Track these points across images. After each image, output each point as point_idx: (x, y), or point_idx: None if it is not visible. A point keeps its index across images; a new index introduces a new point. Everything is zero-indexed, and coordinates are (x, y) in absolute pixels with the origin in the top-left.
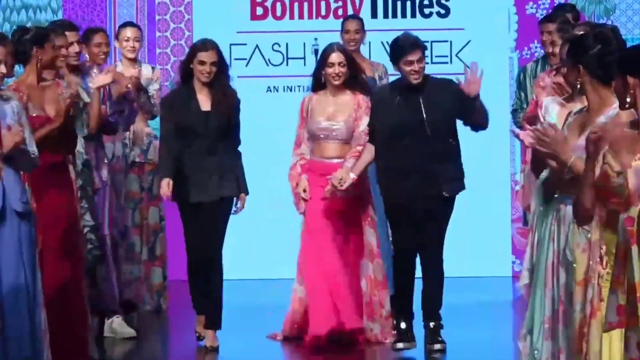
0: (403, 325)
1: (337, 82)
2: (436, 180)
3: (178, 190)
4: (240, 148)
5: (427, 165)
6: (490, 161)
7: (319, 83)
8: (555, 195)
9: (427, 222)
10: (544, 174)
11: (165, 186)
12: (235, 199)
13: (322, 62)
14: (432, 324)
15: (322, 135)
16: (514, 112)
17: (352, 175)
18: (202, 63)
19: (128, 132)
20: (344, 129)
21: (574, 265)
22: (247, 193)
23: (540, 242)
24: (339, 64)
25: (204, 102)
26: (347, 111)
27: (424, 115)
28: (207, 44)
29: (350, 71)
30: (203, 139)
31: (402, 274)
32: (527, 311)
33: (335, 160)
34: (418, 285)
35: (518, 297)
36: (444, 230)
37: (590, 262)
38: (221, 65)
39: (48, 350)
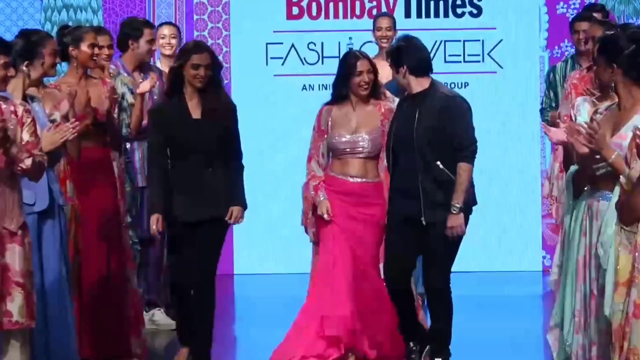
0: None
1: (365, 92)
2: (421, 206)
3: (167, 207)
4: (275, 146)
5: (414, 183)
6: (521, 158)
7: (341, 94)
8: (585, 189)
9: (424, 246)
10: (572, 168)
11: (155, 223)
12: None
13: (347, 70)
14: None
15: (345, 150)
16: (542, 111)
17: None
18: (196, 67)
19: None
20: (369, 143)
21: (618, 267)
22: (241, 206)
23: (571, 236)
24: (367, 71)
25: (195, 110)
26: (372, 123)
27: (414, 129)
28: (201, 46)
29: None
30: (196, 151)
31: (400, 305)
32: (556, 305)
33: (359, 180)
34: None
35: (548, 291)
36: (442, 255)
37: (635, 264)
38: (214, 70)
39: (76, 339)
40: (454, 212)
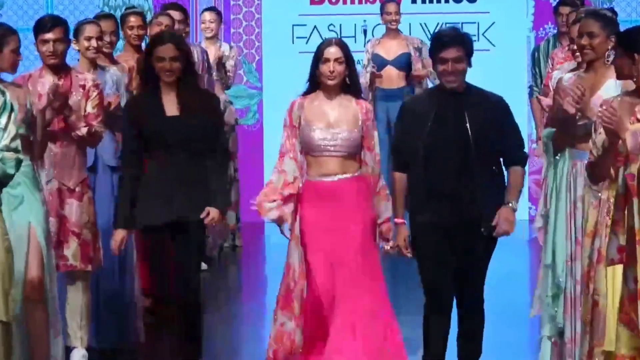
0: None
1: (331, 82)
2: (476, 212)
3: (140, 210)
4: None
5: (468, 189)
6: None
7: (314, 84)
8: (567, 150)
9: (465, 258)
10: (549, 131)
11: (119, 241)
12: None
13: (316, 57)
14: None
15: (321, 147)
16: (531, 87)
17: (391, 223)
18: (160, 59)
19: None
20: (348, 140)
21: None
22: (220, 207)
23: (558, 190)
24: (336, 60)
25: (171, 106)
26: (350, 118)
27: (469, 128)
28: (163, 37)
29: (348, 71)
30: (172, 149)
31: (435, 332)
32: (545, 251)
33: (337, 177)
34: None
35: (533, 237)
36: (484, 267)
37: (599, 217)
38: (187, 63)
39: (137, 282)
40: (514, 209)
